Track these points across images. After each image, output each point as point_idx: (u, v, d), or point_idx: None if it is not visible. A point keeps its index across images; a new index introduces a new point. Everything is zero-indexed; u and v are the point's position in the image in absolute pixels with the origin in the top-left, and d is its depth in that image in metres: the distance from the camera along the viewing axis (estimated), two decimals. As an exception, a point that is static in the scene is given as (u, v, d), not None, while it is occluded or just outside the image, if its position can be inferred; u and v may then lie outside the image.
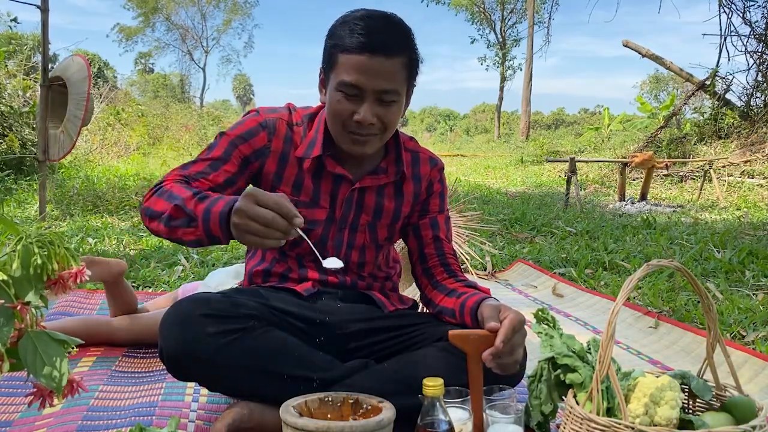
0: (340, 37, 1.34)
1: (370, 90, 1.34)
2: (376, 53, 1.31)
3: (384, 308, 1.56)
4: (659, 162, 7.09)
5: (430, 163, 1.60)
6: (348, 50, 1.33)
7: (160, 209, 1.28)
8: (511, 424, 1.22)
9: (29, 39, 12.46)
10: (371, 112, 1.35)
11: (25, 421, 1.46)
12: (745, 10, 9.26)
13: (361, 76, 1.32)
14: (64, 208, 5.28)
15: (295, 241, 1.51)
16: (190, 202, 1.24)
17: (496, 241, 4.26)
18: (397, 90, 1.36)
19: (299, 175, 1.48)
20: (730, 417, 1.13)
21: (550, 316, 1.34)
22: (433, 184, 1.60)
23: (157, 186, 1.35)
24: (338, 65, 1.35)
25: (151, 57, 41.93)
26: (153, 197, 1.33)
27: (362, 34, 1.32)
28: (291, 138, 1.48)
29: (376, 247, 1.58)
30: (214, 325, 1.28)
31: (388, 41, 1.33)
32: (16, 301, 0.75)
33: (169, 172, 1.41)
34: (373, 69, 1.32)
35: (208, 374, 1.32)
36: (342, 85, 1.35)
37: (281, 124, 1.48)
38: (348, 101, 1.36)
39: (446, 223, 1.62)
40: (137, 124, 12.41)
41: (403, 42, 1.36)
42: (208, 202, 1.23)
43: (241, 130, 1.45)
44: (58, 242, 0.77)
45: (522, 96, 24.79)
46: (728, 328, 2.33)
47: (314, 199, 1.49)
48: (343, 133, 1.40)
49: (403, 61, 1.36)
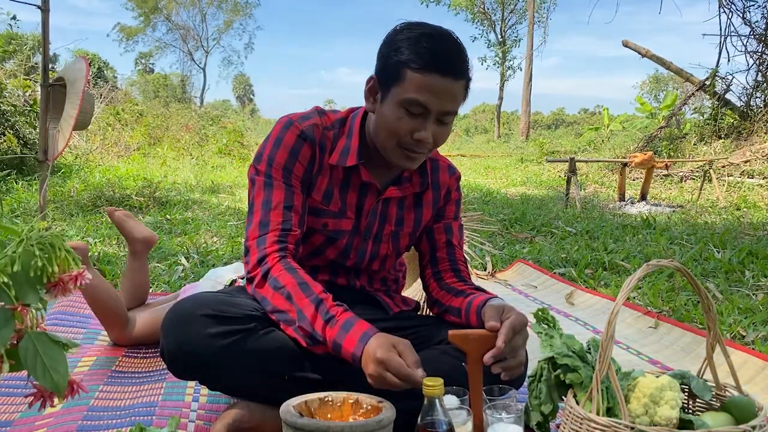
0: (407, 53, 1.31)
1: (436, 111, 1.33)
2: (447, 75, 1.30)
3: (388, 310, 1.57)
4: (659, 162, 7.09)
5: (449, 171, 1.60)
6: (418, 68, 1.30)
7: (282, 308, 1.31)
8: (511, 424, 1.22)
9: (29, 39, 12.45)
10: (432, 132, 1.35)
11: (25, 421, 1.46)
12: (745, 10, 9.27)
13: (431, 97, 1.31)
14: (64, 208, 5.29)
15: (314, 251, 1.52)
16: (317, 323, 1.27)
17: (496, 241, 4.26)
18: (456, 112, 1.37)
19: (329, 184, 1.47)
20: (730, 417, 1.13)
21: (550, 316, 1.34)
22: (451, 192, 1.60)
23: (261, 265, 1.34)
24: (405, 81, 1.32)
25: (151, 57, 41.94)
26: (266, 285, 1.33)
27: (435, 54, 1.30)
28: (324, 144, 1.46)
29: (396, 256, 1.59)
30: (215, 325, 1.28)
31: (457, 63, 1.32)
32: (16, 302, 0.75)
33: (253, 232, 1.38)
34: (442, 90, 1.31)
35: (209, 374, 1.32)
36: (408, 103, 1.32)
37: (317, 130, 1.45)
38: (410, 119, 1.34)
39: (459, 230, 1.62)
40: (137, 125, 12.41)
41: (467, 64, 1.35)
42: (337, 332, 1.25)
43: (287, 149, 1.41)
44: (58, 244, 0.77)
45: (522, 96, 24.81)
46: (728, 328, 2.33)
47: (342, 209, 1.48)
48: (396, 149, 1.38)
49: (465, 84, 1.36)
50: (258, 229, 1.38)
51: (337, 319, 1.26)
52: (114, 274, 3.08)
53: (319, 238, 1.49)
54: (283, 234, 1.38)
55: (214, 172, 9.92)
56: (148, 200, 5.89)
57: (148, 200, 5.89)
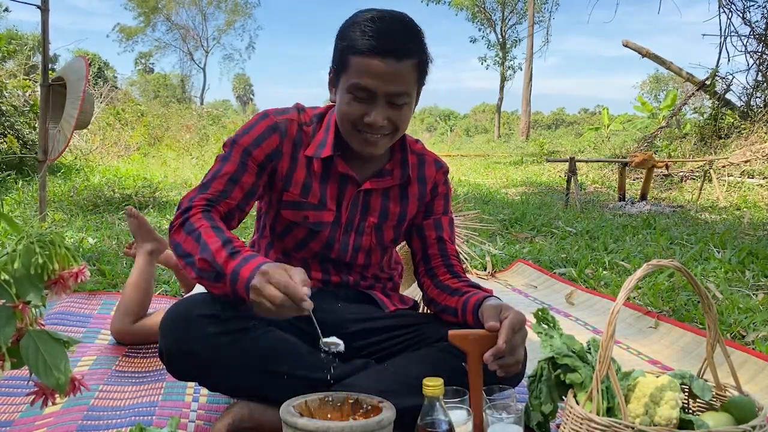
0: (350, 39, 1.33)
1: (382, 93, 1.33)
2: (388, 56, 1.30)
3: (385, 308, 1.56)
4: (659, 162, 7.08)
5: (436, 165, 1.60)
6: (359, 53, 1.31)
7: (189, 250, 1.29)
8: (511, 424, 1.22)
9: (29, 39, 12.46)
10: (382, 114, 1.35)
11: (26, 421, 1.46)
12: (745, 10, 9.26)
13: (373, 80, 1.32)
14: (64, 208, 5.28)
15: (298, 245, 1.52)
16: (219, 255, 1.24)
17: (496, 241, 4.26)
18: (408, 92, 1.36)
19: (308, 177, 1.47)
20: (730, 417, 1.13)
21: (550, 316, 1.34)
22: (438, 186, 1.60)
23: (184, 214, 1.34)
24: (349, 67, 1.34)
25: (151, 57, 41.94)
26: (182, 232, 1.32)
27: (373, 37, 1.30)
28: (301, 138, 1.47)
29: (381, 249, 1.58)
30: (214, 325, 1.28)
31: (399, 44, 1.32)
32: (17, 300, 0.75)
33: (192, 191, 1.39)
34: (384, 72, 1.31)
35: (208, 374, 1.32)
36: (353, 88, 1.34)
37: (292, 125, 1.47)
38: (359, 103, 1.35)
39: (450, 225, 1.62)
40: (137, 124, 12.42)
41: (414, 44, 1.35)
42: (237, 262, 1.22)
43: (253, 136, 1.44)
44: (58, 242, 0.77)
45: (522, 96, 24.80)
46: (728, 328, 2.33)
47: (322, 201, 1.49)
48: (354, 134, 1.39)
49: (414, 63, 1.35)
50: (196, 190, 1.40)
51: (241, 253, 1.24)
52: (114, 274, 3.07)
53: (302, 231, 1.50)
54: (217, 198, 1.38)
55: (214, 172, 9.90)
56: (148, 200, 5.89)
57: (148, 200, 5.89)
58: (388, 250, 1.61)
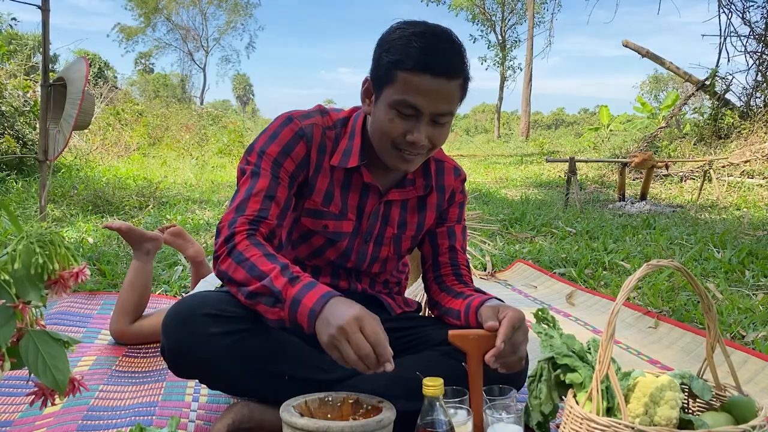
0: (399, 53, 1.28)
1: (428, 112, 1.29)
2: (440, 75, 1.26)
3: (391, 311, 1.56)
4: (659, 162, 7.08)
5: (455, 173, 1.57)
6: (410, 69, 1.26)
7: (241, 280, 1.26)
8: (511, 424, 1.22)
9: (29, 39, 12.45)
10: (425, 133, 1.31)
11: (25, 421, 1.46)
12: (744, 10, 9.26)
13: (423, 98, 1.28)
14: (64, 208, 5.28)
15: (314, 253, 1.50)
16: (278, 280, 1.21)
17: (496, 241, 4.26)
18: (451, 112, 1.33)
19: (330, 185, 1.44)
20: (730, 417, 1.13)
21: (550, 316, 1.34)
22: (456, 194, 1.57)
23: (228, 242, 1.30)
24: (396, 82, 1.29)
25: (151, 57, 41.93)
26: (229, 260, 1.28)
27: (426, 54, 1.26)
28: (325, 144, 1.43)
29: (397, 258, 1.57)
30: (216, 325, 1.28)
31: (451, 63, 1.28)
32: (17, 300, 0.75)
33: (228, 214, 1.34)
34: (434, 91, 1.27)
35: (210, 373, 1.32)
36: (399, 104, 1.29)
37: (317, 130, 1.42)
38: (403, 120, 1.31)
39: (462, 233, 1.60)
40: (137, 124, 12.41)
41: (462, 63, 1.31)
42: (299, 289, 1.20)
43: (281, 144, 1.38)
44: (58, 242, 0.77)
45: (522, 96, 24.81)
46: (728, 328, 2.33)
47: (342, 211, 1.46)
48: (391, 150, 1.35)
49: (460, 83, 1.32)
50: (233, 213, 1.34)
51: (301, 279, 1.22)
52: (114, 274, 3.07)
53: (320, 240, 1.47)
54: (257, 219, 1.34)
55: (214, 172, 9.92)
56: (148, 200, 5.89)
57: (148, 200, 5.89)
58: (402, 258, 1.60)
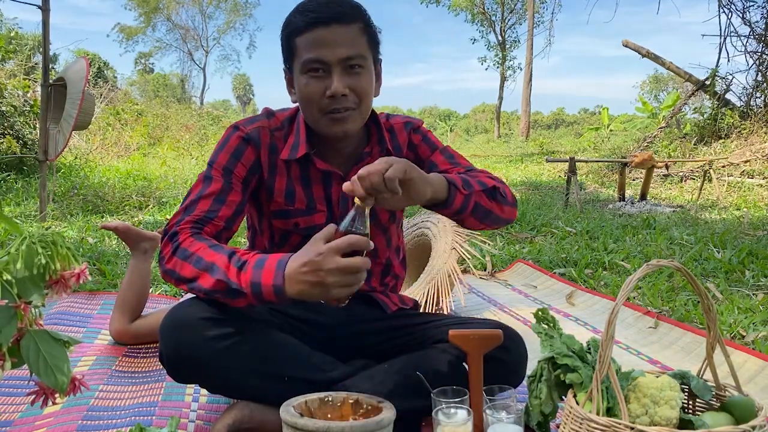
0: (293, 23, 1.35)
1: (335, 60, 1.32)
2: (331, 23, 1.31)
3: (386, 309, 1.56)
4: (659, 162, 7.08)
5: (405, 127, 1.56)
6: (304, 30, 1.32)
7: (189, 275, 1.25)
8: (511, 424, 1.22)
9: (29, 39, 12.46)
10: (342, 83, 1.33)
11: (25, 421, 1.46)
12: (744, 10, 9.26)
13: (322, 49, 1.31)
14: (64, 208, 5.28)
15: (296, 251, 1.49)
16: (230, 272, 1.21)
17: (496, 241, 4.26)
18: (361, 54, 1.35)
19: (289, 184, 1.46)
20: (730, 417, 1.13)
21: (550, 316, 1.34)
22: (412, 141, 1.56)
23: (173, 240, 1.30)
24: (298, 50, 1.34)
25: (151, 57, 41.93)
26: (174, 258, 1.28)
27: (311, 11, 1.32)
28: (275, 145, 1.45)
29: (382, 231, 1.55)
30: (213, 328, 1.27)
31: (338, 10, 1.33)
32: (18, 300, 0.75)
33: (175, 216, 1.36)
34: (330, 39, 1.31)
35: (209, 377, 1.32)
36: (307, 67, 1.34)
37: (264, 133, 1.45)
38: (317, 80, 1.34)
39: (448, 157, 1.54)
40: (137, 124, 12.41)
41: (355, 9, 1.36)
42: (251, 273, 1.20)
43: (229, 152, 1.42)
44: (60, 242, 0.77)
45: (522, 96, 24.80)
46: (728, 328, 2.33)
47: (309, 205, 1.47)
48: (321, 116, 1.37)
49: (361, 26, 1.35)
50: (181, 213, 1.36)
51: (248, 262, 1.22)
52: (114, 274, 3.07)
53: (297, 238, 1.47)
54: (204, 219, 1.34)
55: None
56: (148, 200, 5.89)
57: (148, 200, 5.89)
58: (387, 232, 1.57)
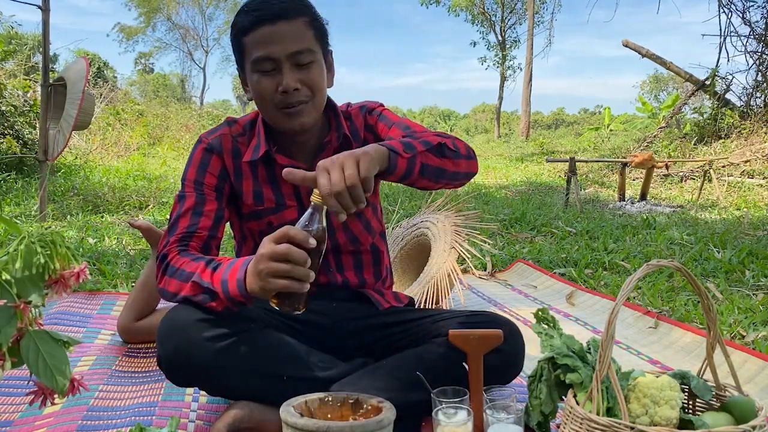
0: (240, 24, 1.37)
1: (284, 56, 1.34)
2: (276, 20, 1.33)
3: (379, 305, 1.56)
4: (659, 162, 7.08)
5: (361, 111, 1.58)
6: (250, 30, 1.35)
7: (175, 289, 1.30)
8: (511, 424, 1.22)
9: (29, 39, 12.46)
10: (293, 78, 1.35)
11: (25, 421, 1.46)
12: (744, 10, 9.26)
13: (270, 46, 1.33)
14: (64, 208, 5.28)
15: None
16: (204, 274, 1.26)
17: (496, 241, 4.26)
18: (309, 48, 1.36)
19: (256, 185, 1.48)
20: (730, 417, 1.13)
21: (550, 316, 1.34)
22: (368, 122, 1.56)
23: (163, 262, 1.35)
24: (247, 49, 1.37)
25: (151, 57, 41.93)
26: (165, 277, 1.34)
27: (255, 10, 1.34)
28: (238, 150, 1.49)
29: (356, 216, 1.54)
30: (210, 329, 1.28)
31: (283, 6, 1.34)
32: (18, 300, 0.75)
33: (162, 240, 1.41)
34: (277, 36, 1.33)
35: (208, 379, 1.32)
36: (256, 64, 1.36)
37: (225, 140, 1.49)
38: (268, 78, 1.36)
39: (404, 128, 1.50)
40: (137, 124, 12.41)
41: (299, 4, 1.37)
42: (222, 272, 1.24)
43: (196, 166, 1.46)
44: (59, 242, 0.77)
45: (522, 96, 24.80)
46: (728, 328, 2.33)
47: (279, 202, 1.48)
48: (276, 113, 1.39)
49: (306, 21, 1.37)
50: (166, 236, 1.40)
51: (222, 264, 1.26)
52: (114, 274, 3.07)
53: None
54: (187, 235, 1.39)
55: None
56: (148, 200, 5.89)
57: (148, 200, 5.89)
58: (362, 216, 1.56)
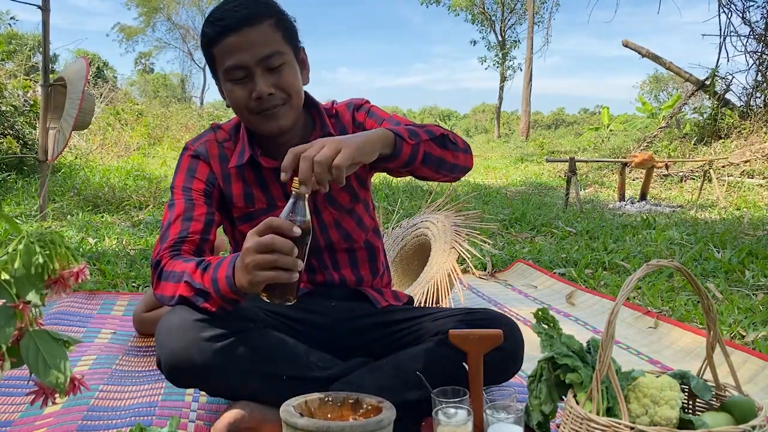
0: (207, 35, 1.38)
1: (254, 63, 1.35)
2: (241, 27, 1.33)
3: (377, 304, 1.55)
4: (659, 162, 7.08)
5: (348, 108, 1.57)
6: (216, 40, 1.36)
7: (170, 293, 1.31)
8: (511, 424, 1.22)
9: (29, 39, 12.46)
10: (266, 83, 1.36)
11: (25, 421, 1.46)
12: (744, 10, 9.27)
13: (239, 55, 1.34)
14: (65, 208, 5.28)
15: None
16: (195, 274, 1.26)
17: (496, 240, 4.26)
18: (278, 51, 1.37)
19: (246, 188, 1.49)
20: (730, 417, 1.13)
21: (550, 316, 1.34)
22: (356, 120, 1.55)
23: (157, 269, 1.36)
24: (217, 59, 1.38)
25: (151, 57, 41.94)
26: (160, 282, 1.34)
27: (219, 20, 1.35)
28: (225, 155, 1.50)
29: (348, 213, 1.54)
30: (209, 329, 1.28)
31: (247, 12, 1.34)
32: (17, 300, 0.75)
33: (155, 248, 1.41)
34: (244, 44, 1.34)
35: (207, 380, 1.32)
36: (228, 74, 1.37)
37: (211, 146, 1.50)
38: (241, 86, 1.37)
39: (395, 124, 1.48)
40: (137, 124, 12.41)
41: (262, 7, 1.37)
42: (212, 271, 1.24)
43: (183, 173, 1.48)
44: (59, 242, 0.77)
45: (522, 96, 24.80)
46: (728, 328, 2.33)
47: (270, 203, 1.49)
48: (253, 118, 1.41)
49: (271, 23, 1.37)
50: (159, 244, 1.41)
51: (212, 263, 1.27)
52: (114, 274, 3.07)
53: None
54: (179, 241, 1.39)
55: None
56: (148, 200, 5.89)
57: (148, 200, 5.89)
58: (354, 213, 1.55)
